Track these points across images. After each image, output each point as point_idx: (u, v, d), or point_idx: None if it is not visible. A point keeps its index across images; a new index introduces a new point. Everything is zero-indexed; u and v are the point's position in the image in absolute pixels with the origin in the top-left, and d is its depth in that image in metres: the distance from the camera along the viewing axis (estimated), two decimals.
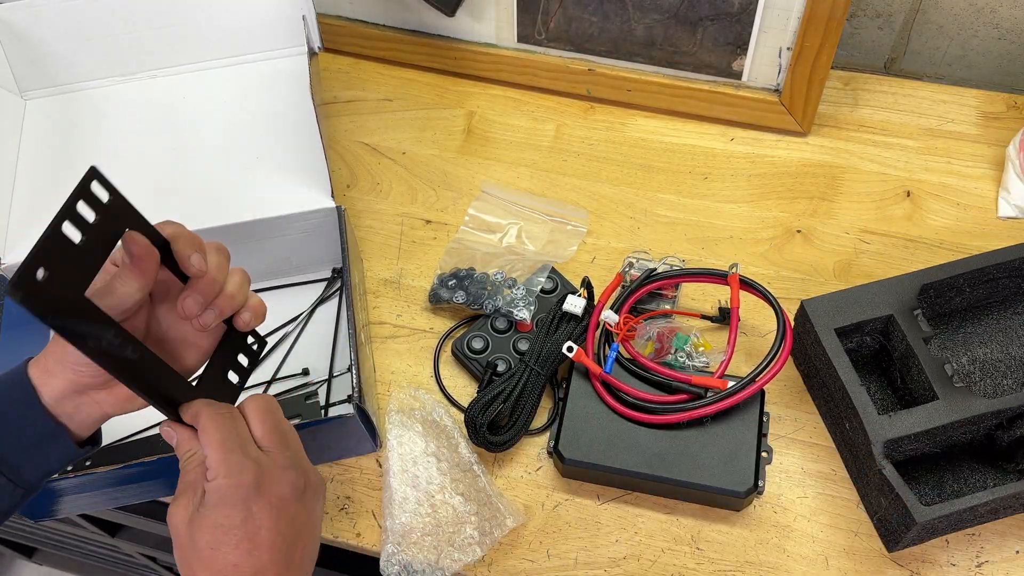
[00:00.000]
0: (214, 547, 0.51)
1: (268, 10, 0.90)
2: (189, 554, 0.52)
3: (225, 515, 0.52)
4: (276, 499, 0.53)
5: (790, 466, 0.78)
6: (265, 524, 0.52)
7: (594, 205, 0.95)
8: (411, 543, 0.73)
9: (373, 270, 0.92)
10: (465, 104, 1.04)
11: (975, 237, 0.91)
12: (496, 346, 0.83)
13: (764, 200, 0.95)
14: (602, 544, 0.76)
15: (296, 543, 0.54)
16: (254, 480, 0.53)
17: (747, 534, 0.76)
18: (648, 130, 1.01)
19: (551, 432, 0.78)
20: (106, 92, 0.92)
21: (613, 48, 0.99)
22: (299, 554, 0.54)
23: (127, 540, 1.31)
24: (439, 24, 1.03)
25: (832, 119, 1.00)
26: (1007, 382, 0.80)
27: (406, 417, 0.80)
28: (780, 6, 0.89)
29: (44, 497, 0.75)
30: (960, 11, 0.97)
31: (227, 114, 0.90)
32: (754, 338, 0.85)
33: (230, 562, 0.51)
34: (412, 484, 0.76)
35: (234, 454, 0.53)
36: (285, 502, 0.53)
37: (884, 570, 0.73)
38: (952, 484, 0.76)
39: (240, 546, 0.51)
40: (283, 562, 0.53)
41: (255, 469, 0.53)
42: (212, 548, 0.51)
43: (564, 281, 0.87)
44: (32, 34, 0.88)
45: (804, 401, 0.82)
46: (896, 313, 0.75)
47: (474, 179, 0.98)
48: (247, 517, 0.52)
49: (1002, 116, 0.99)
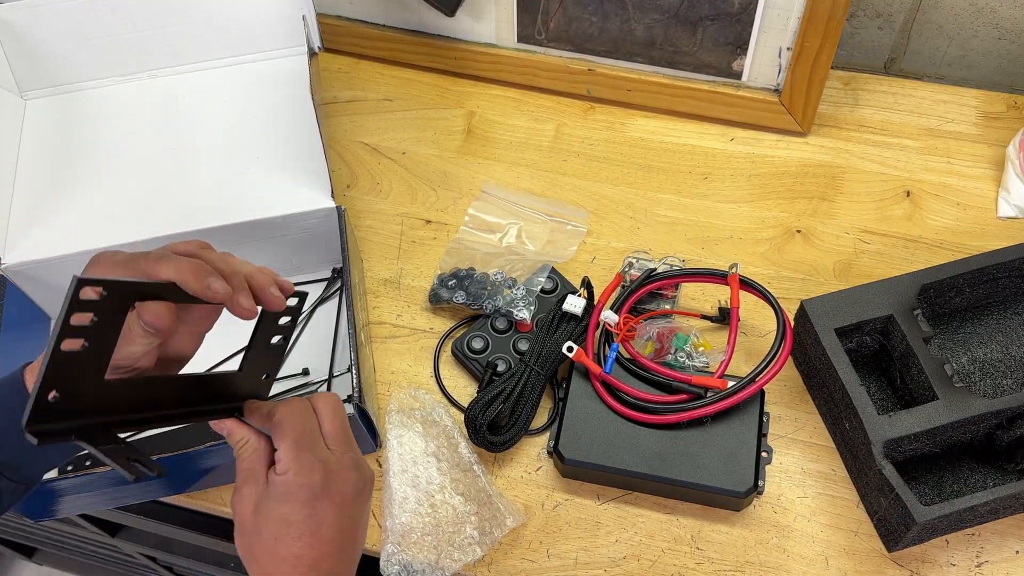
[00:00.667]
0: (278, 538, 0.54)
1: (268, 10, 0.90)
2: (253, 541, 0.55)
3: (291, 510, 0.54)
4: (339, 497, 0.56)
5: (790, 466, 0.78)
6: (327, 520, 0.55)
7: (594, 205, 0.95)
8: (411, 543, 0.73)
9: (373, 270, 0.92)
10: (465, 104, 1.04)
11: (975, 237, 0.91)
12: (496, 346, 0.83)
13: (764, 200, 0.95)
14: (602, 544, 0.76)
15: (352, 537, 0.57)
16: (322, 480, 0.55)
17: (747, 534, 0.76)
18: (648, 130, 1.01)
19: (551, 432, 0.78)
20: (106, 92, 0.92)
21: (613, 48, 0.99)
22: (352, 547, 0.57)
23: (127, 540, 1.31)
24: (439, 24, 1.03)
25: (832, 119, 1.00)
26: (1007, 382, 0.80)
27: (406, 417, 0.80)
28: (780, 6, 0.89)
29: (44, 497, 0.75)
30: (960, 11, 0.97)
31: (227, 114, 0.90)
32: (754, 338, 0.85)
33: (292, 553, 0.54)
34: (412, 484, 0.76)
35: (306, 453, 0.55)
36: (346, 500, 0.56)
37: (884, 570, 0.73)
38: (952, 484, 0.76)
39: (302, 539, 0.54)
40: (338, 554, 0.55)
41: (323, 470, 0.55)
42: (276, 539, 0.54)
43: (564, 281, 0.87)
44: (32, 34, 0.88)
45: (804, 401, 0.82)
46: (896, 313, 0.75)
47: (474, 179, 0.98)
48: (311, 513, 0.54)
49: (1002, 116, 0.99)
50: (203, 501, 0.80)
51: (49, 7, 0.87)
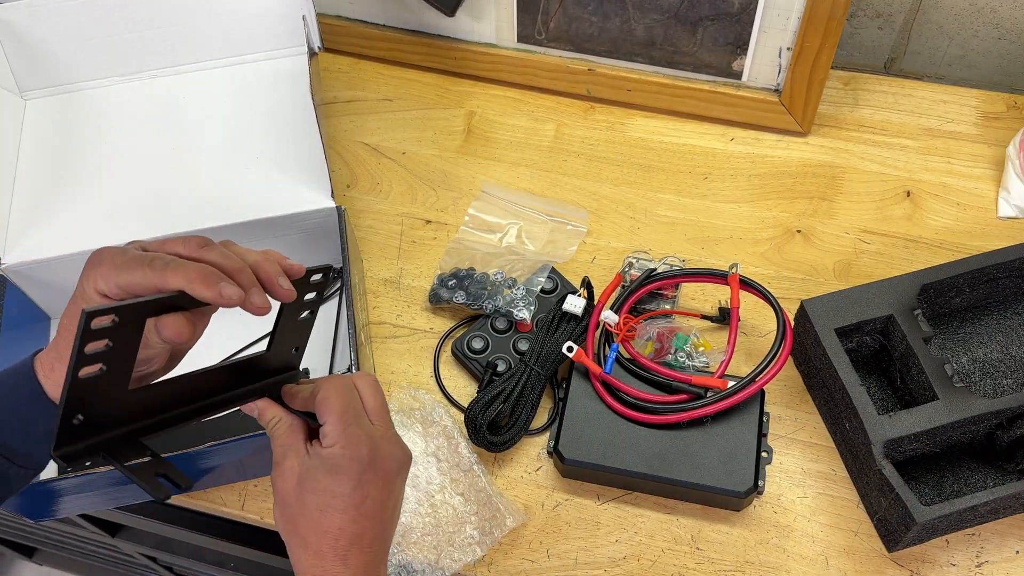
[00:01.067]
0: (323, 510, 0.54)
1: (268, 10, 0.90)
2: (296, 512, 0.55)
3: (337, 482, 0.54)
4: (383, 472, 0.56)
5: (790, 466, 0.78)
6: (371, 494, 0.55)
7: (594, 205, 0.95)
8: (411, 543, 0.73)
9: (373, 270, 0.92)
10: (465, 104, 1.04)
11: (975, 237, 0.91)
12: (496, 346, 0.83)
13: (764, 200, 0.95)
14: (602, 544, 0.76)
15: (392, 514, 0.58)
16: (368, 454, 0.55)
17: (747, 534, 0.76)
18: (648, 130, 1.01)
19: (551, 432, 0.78)
20: (106, 92, 0.92)
21: (613, 48, 0.99)
22: (391, 524, 0.58)
23: (127, 540, 1.31)
24: (439, 24, 1.03)
25: (832, 119, 1.00)
26: (1007, 382, 0.80)
27: (406, 417, 0.80)
28: (780, 6, 0.89)
29: (44, 497, 0.75)
30: (960, 11, 0.97)
31: (227, 114, 0.90)
32: (754, 338, 0.85)
33: (335, 525, 0.54)
34: (412, 484, 0.76)
35: (352, 427, 0.56)
36: (390, 475, 0.57)
37: (884, 570, 0.73)
38: (952, 484, 0.76)
39: (347, 512, 0.54)
40: (379, 528, 0.56)
41: (369, 443, 0.56)
42: (320, 511, 0.54)
43: (564, 281, 0.87)
44: (32, 34, 0.88)
45: (804, 401, 0.82)
46: (896, 313, 0.75)
47: (474, 179, 0.98)
48: (357, 486, 0.55)
49: (1002, 116, 0.99)
50: (203, 501, 0.80)
51: (49, 7, 0.87)
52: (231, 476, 0.79)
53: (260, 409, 0.59)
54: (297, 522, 0.55)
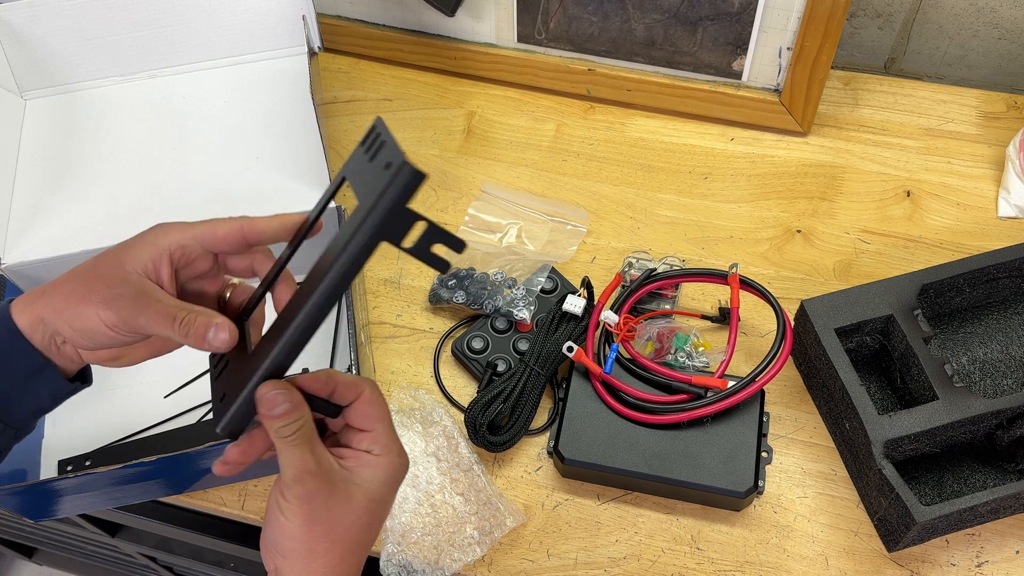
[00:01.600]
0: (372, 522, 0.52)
1: (268, 10, 0.90)
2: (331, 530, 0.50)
3: (390, 493, 0.53)
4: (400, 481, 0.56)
5: (790, 466, 0.78)
6: (389, 500, 0.54)
7: (594, 205, 0.95)
8: (411, 543, 0.73)
9: (373, 270, 0.92)
10: (465, 104, 1.04)
11: (975, 237, 0.91)
12: (496, 346, 0.83)
13: (764, 200, 0.95)
14: (602, 544, 0.76)
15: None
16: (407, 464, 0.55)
17: (747, 534, 0.76)
18: (648, 130, 1.01)
19: (551, 432, 0.78)
20: (106, 92, 0.92)
21: (613, 48, 0.99)
22: None
23: (127, 540, 1.31)
24: (439, 24, 1.03)
25: (832, 119, 1.00)
26: (1007, 382, 0.80)
27: (406, 417, 0.80)
28: (780, 6, 0.89)
29: (44, 497, 0.75)
30: (960, 11, 0.97)
31: (227, 114, 0.90)
32: (754, 338, 0.85)
33: (369, 538, 0.53)
34: (412, 484, 0.76)
35: (396, 437, 0.54)
36: (399, 484, 0.56)
37: (884, 570, 0.73)
38: (952, 484, 0.76)
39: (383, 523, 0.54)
40: (377, 532, 0.55)
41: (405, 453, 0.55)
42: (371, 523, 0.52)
43: (564, 281, 0.87)
44: (32, 34, 0.88)
45: (804, 401, 0.82)
46: (896, 313, 0.75)
47: (474, 179, 0.98)
48: (393, 497, 0.54)
49: (1002, 116, 0.99)
50: (203, 501, 0.80)
51: (49, 7, 0.87)
52: (231, 476, 0.79)
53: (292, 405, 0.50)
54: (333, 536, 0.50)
